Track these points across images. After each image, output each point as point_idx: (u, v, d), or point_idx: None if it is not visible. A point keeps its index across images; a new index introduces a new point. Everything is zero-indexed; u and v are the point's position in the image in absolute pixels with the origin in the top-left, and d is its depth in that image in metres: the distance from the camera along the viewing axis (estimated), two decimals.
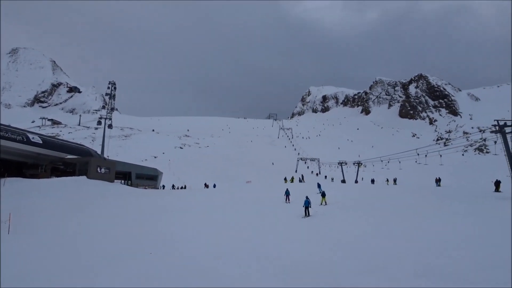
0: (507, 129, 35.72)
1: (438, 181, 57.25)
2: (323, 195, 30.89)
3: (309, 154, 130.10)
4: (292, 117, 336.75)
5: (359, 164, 79.85)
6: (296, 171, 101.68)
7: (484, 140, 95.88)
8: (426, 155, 62.11)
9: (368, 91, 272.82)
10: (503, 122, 35.89)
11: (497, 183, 41.40)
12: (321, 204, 29.81)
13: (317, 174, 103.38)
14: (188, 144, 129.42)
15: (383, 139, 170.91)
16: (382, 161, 71.30)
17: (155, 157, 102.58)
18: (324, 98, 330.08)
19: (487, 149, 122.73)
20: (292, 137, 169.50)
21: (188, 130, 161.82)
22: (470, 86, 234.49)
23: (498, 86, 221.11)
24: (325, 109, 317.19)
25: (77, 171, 42.09)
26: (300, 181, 73.00)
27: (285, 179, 75.99)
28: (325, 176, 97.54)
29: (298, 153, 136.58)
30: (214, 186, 64.32)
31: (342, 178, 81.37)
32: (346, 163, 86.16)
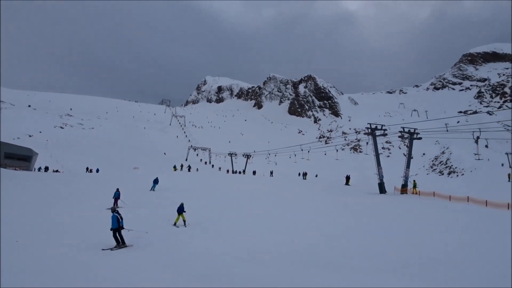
0: (377, 132, 40.54)
1: (304, 174, 66.49)
2: (180, 210, 19.43)
3: (201, 143, 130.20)
4: (186, 104, 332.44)
5: (247, 156, 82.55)
6: (186, 160, 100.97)
7: (358, 140, 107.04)
8: (309, 151, 67.28)
9: (261, 86, 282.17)
10: (375, 126, 40.64)
11: (347, 178, 51.29)
12: (175, 224, 19.23)
13: (205, 163, 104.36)
14: (70, 124, 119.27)
15: (273, 133, 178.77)
16: (269, 154, 74.84)
17: (30, 136, 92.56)
18: (220, 89, 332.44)
19: (361, 149, 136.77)
20: (185, 125, 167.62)
21: (71, 109, 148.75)
22: (351, 91, 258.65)
23: (374, 93, 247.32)
24: (219, 100, 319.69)
25: None
26: (189, 170, 72.76)
27: (174, 167, 75.23)
28: (212, 165, 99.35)
29: (189, 140, 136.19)
30: (97, 171, 60.86)
31: (232, 169, 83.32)
32: (236, 154, 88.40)
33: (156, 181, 33.39)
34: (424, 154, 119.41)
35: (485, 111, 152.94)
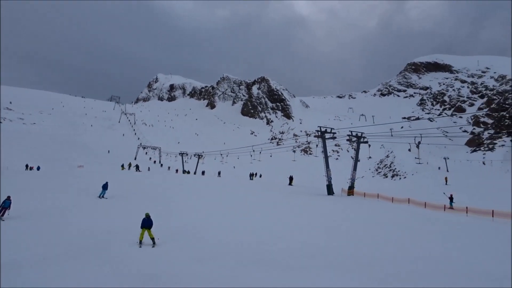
0: (326, 135, 41.56)
1: (252, 175, 67.85)
2: (146, 224, 14.97)
3: (151, 142, 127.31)
4: (136, 102, 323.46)
5: (199, 156, 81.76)
6: (135, 159, 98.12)
7: (309, 143, 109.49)
8: (260, 152, 67.71)
9: (215, 86, 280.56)
10: (324, 129, 41.65)
11: (291, 178, 53.06)
12: (140, 243, 14.70)
13: (154, 162, 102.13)
14: (10, 118, 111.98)
15: (225, 134, 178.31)
16: (221, 154, 74.54)
17: None
18: (172, 87, 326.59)
19: (311, 151, 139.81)
20: (135, 123, 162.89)
21: (10, 103, 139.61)
22: (303, 94, 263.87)
23: (325, 97, 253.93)
24: (171, 98, 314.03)
25: None
26: (137, 170, 70.72)
27: (122, 166, 73.08)
28: (161, 165, 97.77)
29: (139, 138, 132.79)
30: (38, 168, 57.74)
31: (182, 168, 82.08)
32: (187, 154, 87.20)
33: (105, 187, 28.57)
34: (370, 157, 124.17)
35: (427, 118, 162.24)
